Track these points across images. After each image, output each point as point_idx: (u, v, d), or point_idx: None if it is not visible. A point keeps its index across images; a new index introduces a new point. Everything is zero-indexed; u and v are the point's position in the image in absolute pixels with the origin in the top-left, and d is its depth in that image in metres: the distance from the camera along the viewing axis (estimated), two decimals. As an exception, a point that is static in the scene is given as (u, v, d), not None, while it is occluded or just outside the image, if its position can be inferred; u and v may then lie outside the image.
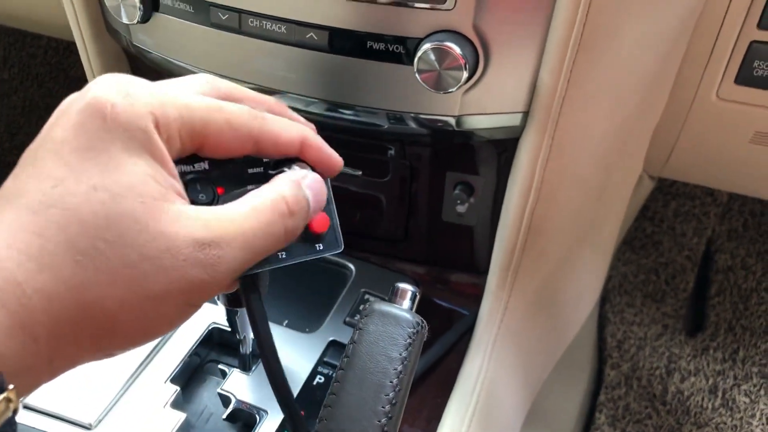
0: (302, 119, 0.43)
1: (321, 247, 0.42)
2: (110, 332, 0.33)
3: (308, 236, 0.41)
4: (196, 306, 0.35)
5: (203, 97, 0.37)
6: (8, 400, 0.29)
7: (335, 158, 0.42)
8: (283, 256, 0.40)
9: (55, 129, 0.33)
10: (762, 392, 1.04)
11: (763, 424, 1.02)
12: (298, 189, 0.38)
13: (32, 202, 0.31)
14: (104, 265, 0.31)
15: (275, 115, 0.40)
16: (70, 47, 1.39)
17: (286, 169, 0.40)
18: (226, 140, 0.37)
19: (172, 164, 0.35)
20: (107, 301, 0.31)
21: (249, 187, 0.39)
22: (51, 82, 1.41)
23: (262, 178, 0.39)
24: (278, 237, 0.37)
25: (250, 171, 0.40)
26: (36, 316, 0.30)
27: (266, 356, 0.40)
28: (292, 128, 0.40)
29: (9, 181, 0.33)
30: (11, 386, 0.30)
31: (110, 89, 0.33)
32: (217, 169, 0.39)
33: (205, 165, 0.38)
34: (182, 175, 0.37)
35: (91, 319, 0.32)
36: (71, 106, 0.34)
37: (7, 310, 0.30)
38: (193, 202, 0.37)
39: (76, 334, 0.32)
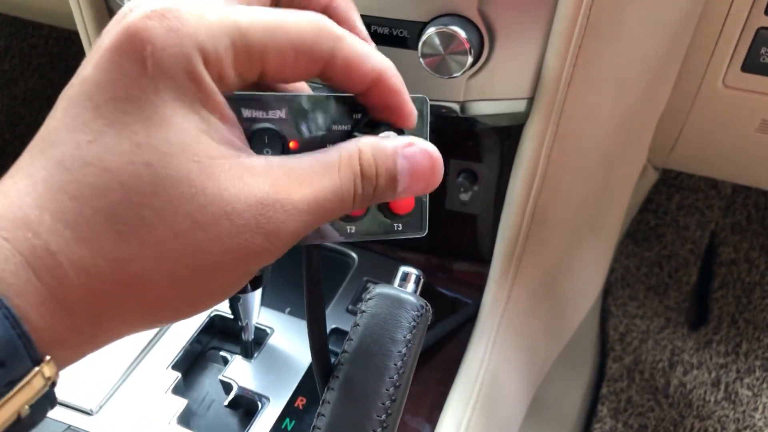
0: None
1: (400, 228, 0.37)
2: (156, 306, 0.29)
3: (386, 213, 0.36)
4: (252, 274, 0.31)
5: (259, 11, 0.30)
6: (45, 375, 0.27)
7: (408, 108, 0.34)
8: (352, 231, 0.36)
9: (87, 66, 0.28)
10: (765, 385, 1.04)
11: (765, 417, 1.01)
12: (383, 153, 0.32)
13: (66, 156, 0.27)
14: (151, 236, 0.27)
15: (353, 37, 0.32)
16: (71, 37, 1.39)
17: (381, 129, 0.34)
18: (290, 67, 0.30)
19: (228, 111, 0.30)
20: (153, 275, 0.28)
21: (329, 146, 0.33)
22: (52, 73, 1.41)
23: (346, 137, 0.34)
24: (347, 201, 0.32)
25: (335, 128, 0.34)
26: (72, 291, 0.27)
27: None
28: (372, 57, 0.32)
29: (42, 128, 0.29)
30: (48, 357, 0.27)
31: (149, 16, 0.28)
32: (295, 118, 0.33)
33: (281, 114, 0.32)
34: (250, 121, 0.31)
35: (136, 294, 0.28)
36: (104, 36, 0.28)
37: (40, 281, 0.27)
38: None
39: (118, 310, 0.29)
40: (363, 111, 0.35)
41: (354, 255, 0.68)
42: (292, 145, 0.33)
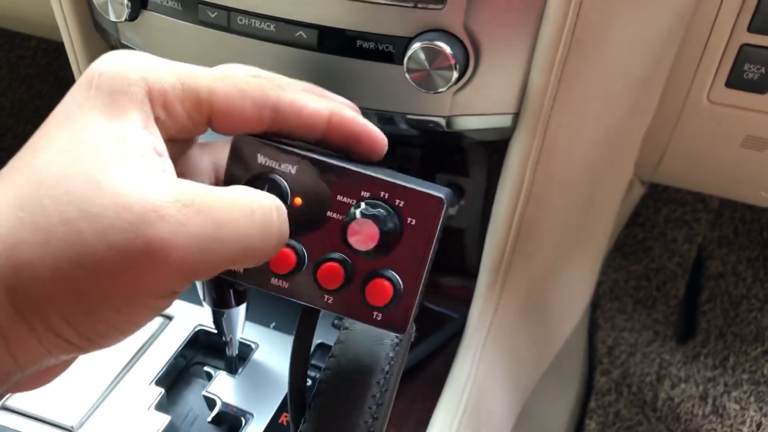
0: (341, 99, 0.38)
1: (379, 317, 0.34)
2: (53, 308, 0.28)
3: (362, 298, 0.34)
4: (156, 305, 0.30)
5: (211, 69, 0.33)
6: None
7: (375, 132, 0.36)
8: (329, 301, 0.35)
9: (56, 108, 0.32)
10: (752, 399, 1.04)
11: (752, 431, 1.01)
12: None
13: (12, 173, 0.30)
14: (44, 222, 0.28)
15: (297, 84, 0.35)
16: (59, 49, 1.38)
17: (380, 205, 0.34)
18: (237, 110, 0.33)
19: (155, 134, 0.32)
20: (38, 265, 0.28)
21: (328, 213, 0.34)
22: (40, 84, 1.40)
23: (348, 206, 0.34)
24: (254, 240, 0.31)
25: (339, 198, 0.34)
26: None
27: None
28: (320, 101, 0.35)
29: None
30: None
31: (105, 60, 0.32)
32: (303, 177, 0.33)
33: (292, 169, 0.34)
34: (261, 167, 0.33)
35: (26, 290, 0.28)
36: (74, 85, 0.33)
37: None
38: None
39: (17, 313, 0.28)
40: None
41: (340, 269, 0.68)
42: (297, 201, 0.34)
